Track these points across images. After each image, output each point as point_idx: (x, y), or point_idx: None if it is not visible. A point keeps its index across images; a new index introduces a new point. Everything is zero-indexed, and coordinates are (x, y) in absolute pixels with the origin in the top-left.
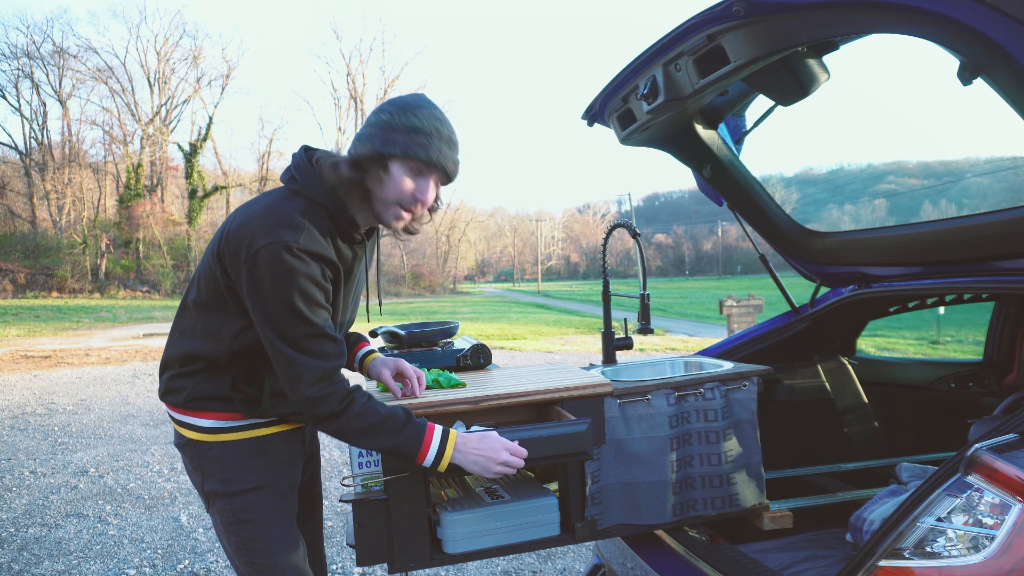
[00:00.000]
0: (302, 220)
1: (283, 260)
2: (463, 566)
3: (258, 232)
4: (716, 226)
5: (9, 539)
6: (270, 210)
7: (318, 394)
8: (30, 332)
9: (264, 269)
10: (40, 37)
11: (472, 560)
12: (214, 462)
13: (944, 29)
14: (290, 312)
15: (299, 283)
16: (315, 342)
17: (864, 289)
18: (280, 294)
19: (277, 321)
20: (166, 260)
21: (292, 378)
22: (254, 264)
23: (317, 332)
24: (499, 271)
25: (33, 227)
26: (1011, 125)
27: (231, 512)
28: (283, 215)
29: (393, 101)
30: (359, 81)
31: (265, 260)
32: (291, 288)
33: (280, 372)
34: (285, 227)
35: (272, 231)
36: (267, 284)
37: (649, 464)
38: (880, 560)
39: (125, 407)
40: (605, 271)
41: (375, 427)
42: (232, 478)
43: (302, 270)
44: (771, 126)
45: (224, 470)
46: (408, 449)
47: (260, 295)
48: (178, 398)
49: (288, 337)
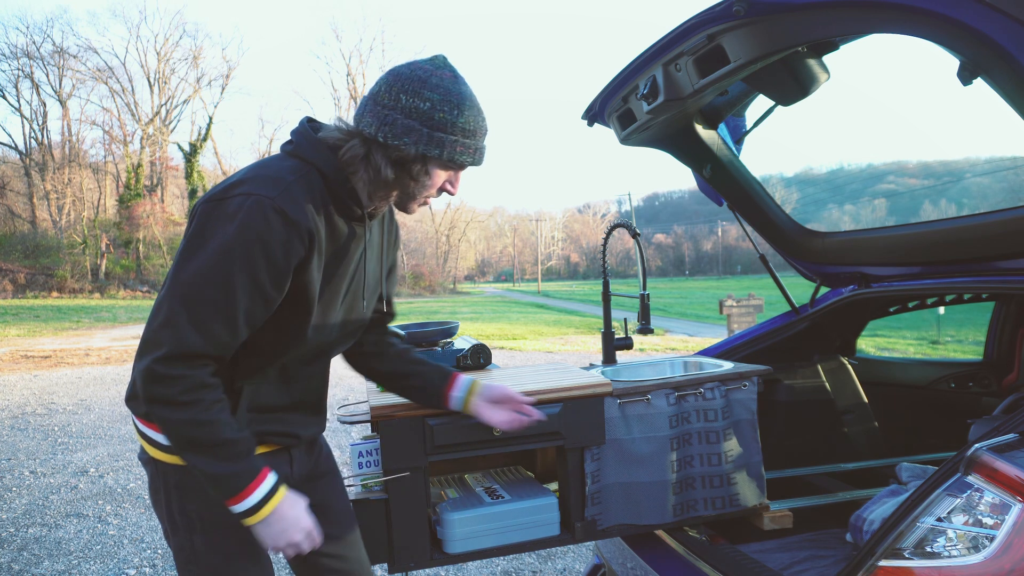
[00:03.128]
0: (288, 177)
1: (248, 213)
2: (463, 566)
3: (236, 183)
4: (716, 226)
5: (9, 539)
6: (257, 165)
7: (166, 371)
8: (30, 332)
9: (219, 214)
10: (40, 37)
11: (472, 560)
12: (174, 490)
13: (944, 29)
14: (215, 267)
15: (250, 247)
16: (212, 315)
17: (864, 289)
18: (221, 244)
19: (192, 268)
20: (166, 260)
21: (153, 338)
22: (215, 207)
23: (224, 308)
24: (499, 271)
25: (33, 227)
26: (1011, 125)
27: (186, 551)
28: (269, 169)
29: (426, 81)
30: (359, 81)
31: (228, 207)
32: (238, 246)
33: (148, 324)
34: (266, 181)
35: (250, 183)
36: (213, 228)
37: (649, 464)
38: (880, 560)
39: (125, 407)
40: (605, 271)
41: (205, 444)
42: (192, 512)
43: (262, 234)
44: (771, 126)
45: (184, 500)
46: (225, 485)
47: (198, 234)
48: (142, 407)
49: (188, 290)
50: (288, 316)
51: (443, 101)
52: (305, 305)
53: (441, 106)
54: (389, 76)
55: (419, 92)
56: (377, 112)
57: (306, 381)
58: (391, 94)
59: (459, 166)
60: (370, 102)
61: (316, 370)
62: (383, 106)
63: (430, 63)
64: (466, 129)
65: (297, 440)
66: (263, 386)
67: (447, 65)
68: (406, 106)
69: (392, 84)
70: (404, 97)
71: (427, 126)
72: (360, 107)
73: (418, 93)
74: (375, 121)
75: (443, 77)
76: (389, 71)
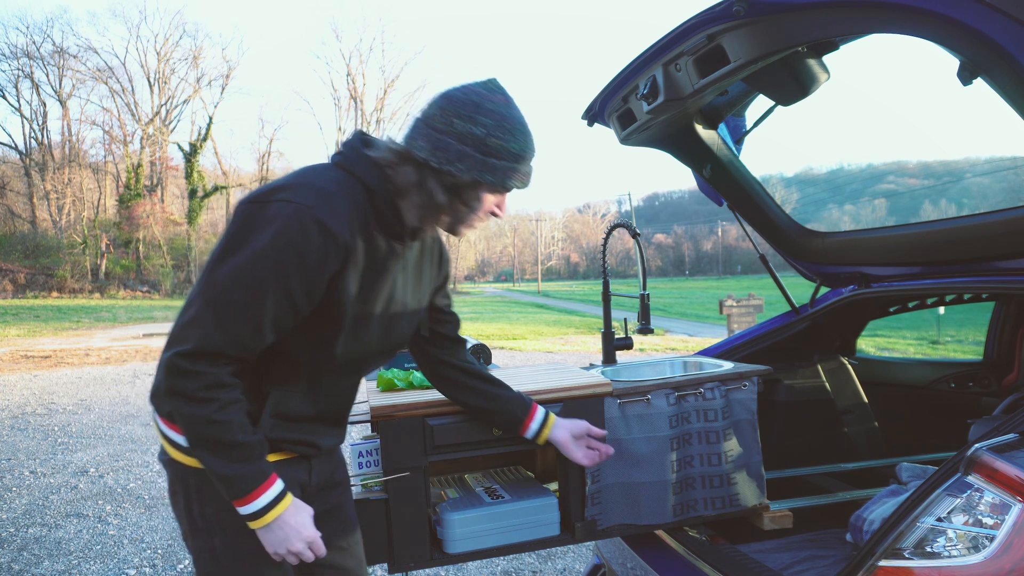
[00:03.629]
0: (331, 188)
1: (285, 220)
2: (463, 566)
3: (279, 188)
4: (716, 226)
5: (9, 539)
6: (303, 172)
7: (188, 366)
8: (30, 332)
9: (258, 217)
10: (40, 37)
11: (472, 560)
12: (194, 492)
13: (944, 29)
14: (247, 271)
15: (283, 255)
16: (238, 318)
17: (864, 289)
18: (255, 249)
19: (225, 269)
20: (166, 260)
21: (180, 334)
22: (255, 210)
23: (251, 312)
24: (499, 271)
25: (33, 227)
26: (1011, 125)
27: (207, 553)
28: (314, 177)
29: (480, 106)
30: (359, 81)
31: (268, 211)
32: (271, 252)
33: (177, 319)
34: (308, 189)
35: (293, 190)
36: (251, 231)
37: (649, 464)
38: (880, 560)
39: (125, 407)
40: (605, 271)
41: (217, 443)
42: (211, 514)
43: (297, 242)
44: (771, 126)
45: (203, 504)
46: (233, 486)
47: (236, 235)
48: (166, 404)
49: (218, 291)
50: (319, 327)
51: (497, 127)
52: (337, 318)
53: (495, 132)
54: (442, 99)
55: (473, 117)
56: (430, 136)
57: (335, 395)
58: (444, 118)
59: (508, 190)
60: (422, 125)
61: (345, 385)
62: (436, 130)
63: (483, 87)
64: (517, 154)
65: (316, 450)
66: (290, 395)
67: (500, 89)
68: (460, 131)
69: (445, 108)
70: (458, 122)
71: (480, 152)
72: (411, 129)
73: (472, 118)
74: (428, 145)
75: (496, 102)
76: (442, 94)
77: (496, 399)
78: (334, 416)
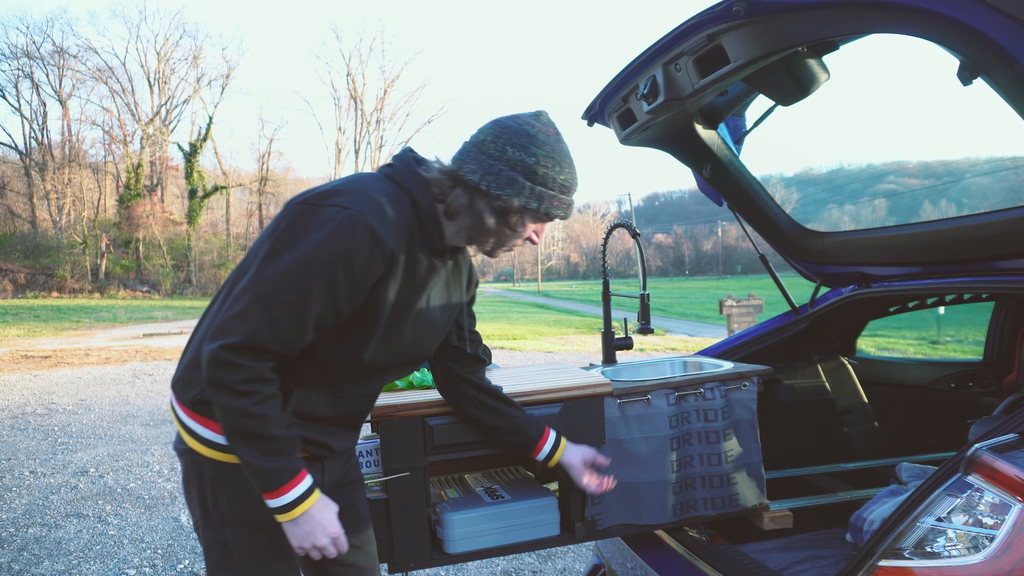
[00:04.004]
0: (383, 199)
1: (338, 225)
2: (463, 566)
3: (333, 192)
4: (716, 226)
5: (9, 539)
6: (355, 180)
7: (232, 359)
8: (30, 332)
9: (312, 219)
10: (40, 37)
11: (472, 560)
12: (208, 483)
13: (944, 29)
14: (297, 271)
15: (333, 258)
16: (284, 315)
17: (864, 289)
18: (307, 250)
19: (276, 267)
20: (166, 260)
21: (227, 326)
22: (309, 212)
23: (297, 311)
24: (499, 271)
25: (33, 227)
26: (1011, 125)
27: (218, 545)
28: (366, 186)
29: (534, 137)
30: (359, 81)
31: (321, 214)
32: (322, 255)
33: (223, 310)
34: (361, 197)
35: (347, 196)
36: (303, 232)
37: (649, 464)
38: (880, 560)
39: (125, 407)
40: (605, 271)
41: (253, 435)
42: (224, 507)
43: (348, 247)
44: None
45: (216, 495)
46: (265, 478)
47: (288, 234)
48: (188, 393)
49: (267, 288)
50: (352, 331)
51: (547, 157)
52: (371, 323)
53: (545, 162)
54: (495, 127)
55: (526, 147)
56: (482, 161)
57: (355, 400)
58: (497, 145)
59: (551, 219)
60: (473, 149)
61: (367, 391)
62: (488, 155)
63: (536, 119)
64: (564, 185)
65: (329, 452)
66: (313, 395)
67: (551, 123)
68: (512, 158)
69: (499, 135)
70: (511, 149)
71: (530, 180)
72: (461, 152)
73: (525, 148)
74: (479, 169)
75: (548, 135)
76: (494, 121)
77: (513, 419)
78: (351, 420)
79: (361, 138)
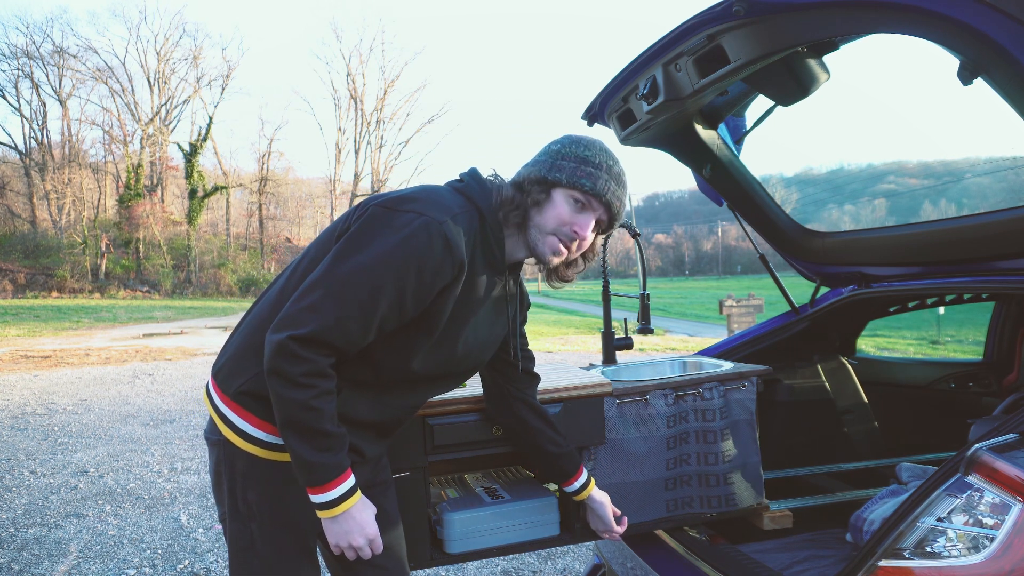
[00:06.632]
0: (456, 209)
1: (415, 231)
2: (463, 566)
3: (409, 198)
4: (716, 226)
5: (9, 539)
6: (429, 189)
7: (298, 350)
8: (30, 332)
9: (389, 222)
10: (40, 37)
11: (472, 560)
12: (239, 476)
13: (944, 29)
14: (371, 272)
15: (407, 262)
16: (354, 313)
17: (864, 289)
18: (382, 252)
19: (350, 265)
20: (166, 260)
21: (297, 316)
22: (386, 215)
23: (366, 310)
24: None
25: (33, 227)
26: (1011, 125)
27: (243, 538)
28: (440, 196)
29: (568, 135)
30: (359, 81)
31: (398, 219)
32: (397, 258)
33: (292, 299)
34: (437, 205)
35: (423, 203)
36: (379, 234)
37: (646, 463)
38: (880, 560)
39: (125, 407)
40: (605, 271)
41: (307, 429)
42: (253, 501)
43: (422, 253)
44: (771, 126)
45: (246, 489)
46: (312, 473)
47: (364, 234)
48: (232, 383)
49: (340, 286)
50: (409, 335)
51: (575, 143)
52: (428, 329)
53: (571, 144)
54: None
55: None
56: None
57: (396, 409)
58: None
59: (583, 193)
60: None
61: (409, 403)
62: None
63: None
64: (584, 157)
65: (361, 458)
66: (357, 398)
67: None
68: (543, 151)
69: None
70: (544, 147)
71: (553, 157)
72: None
73: (556, 141)
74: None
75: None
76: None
77: (557, 445)
78: (388, 429)
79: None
